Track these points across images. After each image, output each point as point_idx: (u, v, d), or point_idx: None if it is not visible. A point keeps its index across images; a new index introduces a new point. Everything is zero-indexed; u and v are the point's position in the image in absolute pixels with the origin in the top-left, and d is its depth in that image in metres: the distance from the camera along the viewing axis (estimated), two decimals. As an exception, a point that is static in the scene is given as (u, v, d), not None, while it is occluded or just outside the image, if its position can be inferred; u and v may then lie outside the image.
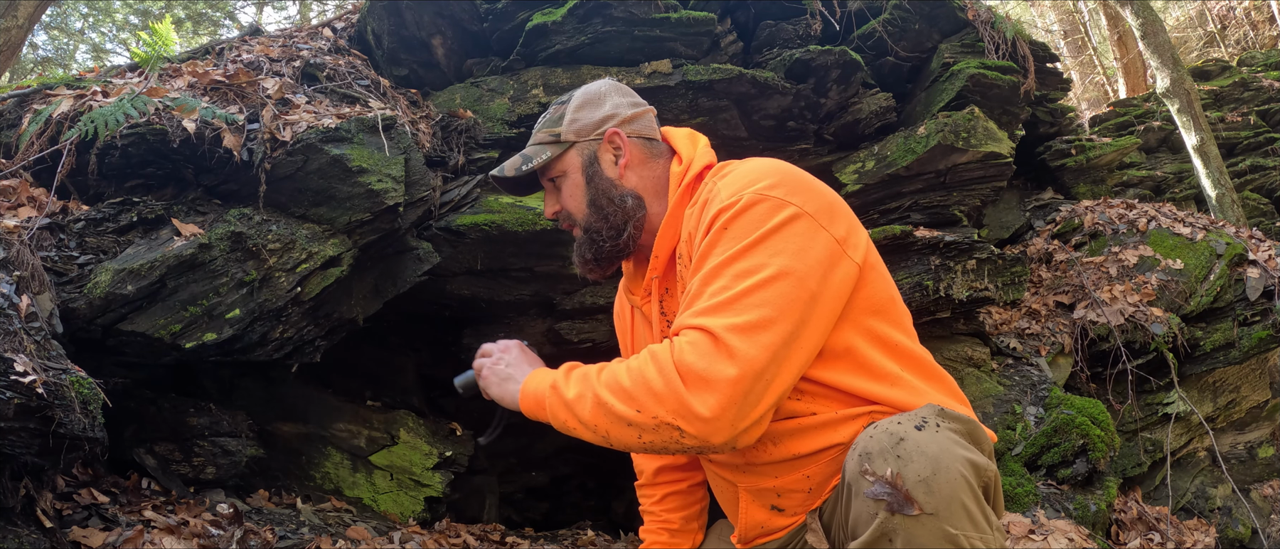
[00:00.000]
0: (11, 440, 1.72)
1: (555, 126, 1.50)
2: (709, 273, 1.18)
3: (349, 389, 3.46)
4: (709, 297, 1.16)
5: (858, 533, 1.05)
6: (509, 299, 3.50)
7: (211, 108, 2.66)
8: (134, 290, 2.27)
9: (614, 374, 1.19)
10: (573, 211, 1.49)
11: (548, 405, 1.25)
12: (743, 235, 1.18)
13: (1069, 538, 2.94)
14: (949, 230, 3.75)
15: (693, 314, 1.16)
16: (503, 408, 1.42)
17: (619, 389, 1.16)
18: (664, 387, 1.12)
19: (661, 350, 1.16)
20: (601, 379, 1.20)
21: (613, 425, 1.16)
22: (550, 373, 1.30)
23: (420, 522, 3.15)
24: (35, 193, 2.51)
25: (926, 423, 1.05)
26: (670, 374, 1.12)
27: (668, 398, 1.11)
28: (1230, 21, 15.09)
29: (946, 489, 0.98)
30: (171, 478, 2.65)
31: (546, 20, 3.45)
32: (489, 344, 1.45)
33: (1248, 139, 7.01)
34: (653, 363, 1.15)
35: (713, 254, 1.20)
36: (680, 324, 1.18)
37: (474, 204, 3.25)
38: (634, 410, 1.14)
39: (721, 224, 1.21)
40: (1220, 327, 4.07)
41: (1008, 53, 4.18)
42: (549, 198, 1.53)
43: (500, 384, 1.38)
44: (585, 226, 1.47)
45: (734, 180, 1.27)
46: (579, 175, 1.48)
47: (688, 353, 1.12)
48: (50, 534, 1.90)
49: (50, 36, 12.72)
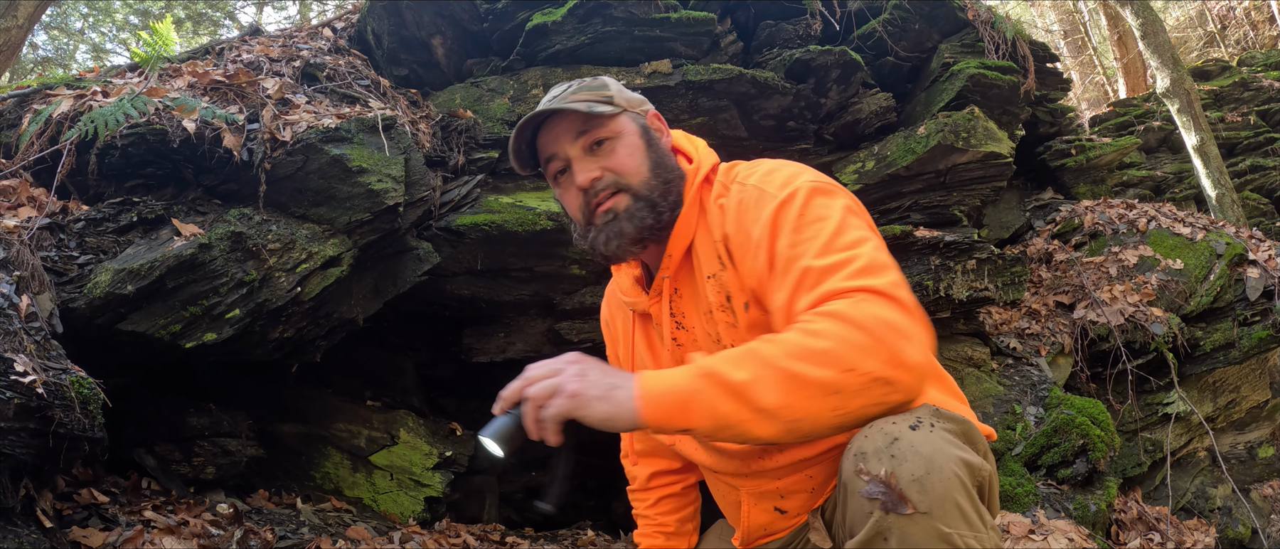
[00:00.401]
0: (11, 440, 1.72)
1: (601, 91, 1.37)
2: (822, 247, 1.15)
3: (349, 389, 3.46)
4: (841, 267, 1.12)
5: (855, 532, 1.05)
6: (509, 299, 3.50)
7: (211, 108, 2.66)
8: (134, 290, 2.27)
9: (797, 344, 1.05)
10: (630, 172, 1.33)
11: (701, 402, 1.04)
12: (826, 214, 1.19)
13: (1069, 538, 2.94)
14: (949, 230, 3.75)
15: (844, 278, 1.10)
16: (565, 450, 1.15)
17: (815, 354, 1.03)
18: (870, 340, 1.03)
19: (839, 312, 1.06)
20: (781, 353, 1.04)
21: (810, 400, 1.03)
22: (677, 369, 1.09)
23: (420, 522, 3.15)
24: (35, 193, 2.50)
25: (921, 423, 1.06)
26: (872, 328, 1.04)
27: (878, 350, 1.03)
28: (1230, 21, 15.09)
29: (940, 488, 0.99)
30: (171, 478, 2.65)
31: (546, 20, 3.45)
32: (533, 367, 1.11)
33: (1248, 139, 7.02)
34: (840, 323, 1.05)
35: (803, 238, 1.17)
36: (821, 294, 1.11)
37: (474, 204, 3.25)
38: (840, 372, 1.02)
39: (797, 210, 1.20)
40: (1220, 327, 4.07)
41: (1008, 53, 4.18)
42: (586, 163, 1.34)
43: (605, 396, 1.06)
44: (643, 192, 1.33)
45: (773, 177, 1.27)
46: (638, 138, 1.36)
47: (870, 307, 1.06)
48: (50, 534, 1.90)
49: (50, 36, 12.72)
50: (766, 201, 1.23)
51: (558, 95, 1.37)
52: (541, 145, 1.38)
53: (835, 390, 1.03)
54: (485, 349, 3.60)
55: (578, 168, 1.34)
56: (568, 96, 1.35)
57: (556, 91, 1.39)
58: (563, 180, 1.39)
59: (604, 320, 1.68)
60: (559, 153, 1.36)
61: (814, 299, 1.11)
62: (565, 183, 1.38)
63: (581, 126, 1.34)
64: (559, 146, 1.35)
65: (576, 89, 1.37)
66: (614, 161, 1.33)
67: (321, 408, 3.27)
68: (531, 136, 1.38)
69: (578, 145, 1.34)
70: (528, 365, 1.12)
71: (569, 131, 1.35)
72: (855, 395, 1.03)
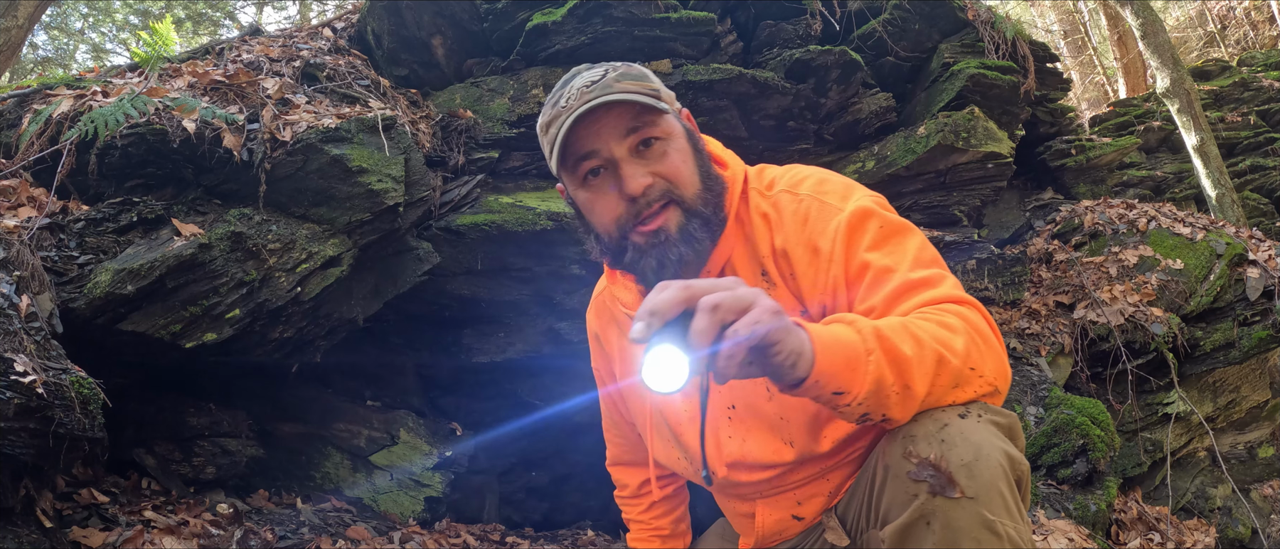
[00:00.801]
0: (11, 440, 1.72)
1: (646, 81, 1.21)
2: (913, 261, 1.14)
3: (349, 389, 3.46)
4: (939, 281, 1.12)
5: (891, 517, 1.04)
6: (509, 299, 3.50)
7: (211, 108, 2.66)
8: (134, 290, 2.27)
9: (935, 332, 1.01)
10: (682, 181, 1.18)
11: (870, 366, 0.94)
12: (902, 230, 1.20)
13: (1069, 538, 2.94)
14: (949, 230, 3.75)
15: (947, 289, 1.11)
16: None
17: (951, 346, 1.01)
18: (987, 347, 1.05)
19: (961, 313, 1.06)
20: (929, 335, 1.00)
21: (942, 388, 1.01)
22: (831, 324, 0.97)
23: (420, 522, 3.15)
24: (35, 193, 2.50)
25: (969, 412, 1.05)
26: (988, 336, 1.06)
27: (991, 357, 1.05)
28: (1230, 21, 15.09)
29: (987, 475, 0.98)
30: (171, 478, 2.65)
31: (546, 20, 3.45)
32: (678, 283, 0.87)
33: (1248, 139, 7.02)
34: (965, 322, 1.04)
35: (889, 250, 1.16)
36: (929, 299, 1.09)
37: (474, 204, 3.25)
38: (967, 367, 1.02)
39: (877, 224, 1.18)
40: (1220, 327, 4.07)
41: (1008, 53, 4.18)
42: (635, 165, 1.16)
43: (779, 321, 0.86)
44: (696, 206, 1.19)
45: (827, 187, 1.25)
46: (685, 142, 1.22)
47: (979, 319, 1.07)
48: (50, 534, 1.90)
49: (50, 36, 12.73)
50: (831, 214, 1.19)
51: (597, 81, 1.17)
52: (577, 139, 1.17)
53: (960, 383, 1.03)
54: (485, 349, 3.59)
55: (628, 171, 1.15)
56: (615, 84, 1.16)
57: (591, 77, 1.18)
58: (595, 183, 1.20)
59: (593, 332, 1.54)
60: (602, 150, 1.17)
61: (921, 302, 1.08)
62: (598, 185, 1.20)
63: (632, 122, 1.16)
64: (602, 142, 1.16)
65: (618, 75, 1.18)
66: (667, 167, 1.17)
67: (321, 408, 3.27)
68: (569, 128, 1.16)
69: (626, 144, 1.17)
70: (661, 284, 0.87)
71: (617, 127, 1.16)
72: (965, 391, 1.04)
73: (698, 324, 0.82)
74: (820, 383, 0.91)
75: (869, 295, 1.13)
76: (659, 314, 0.84)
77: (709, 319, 0.82)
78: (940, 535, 0.98)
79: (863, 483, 1.19)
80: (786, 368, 0.88)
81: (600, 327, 1.52)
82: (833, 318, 1.00)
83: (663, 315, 0.84)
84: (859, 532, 1.21)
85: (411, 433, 3.34)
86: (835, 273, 1.17)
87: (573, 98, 1.16)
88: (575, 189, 1.24)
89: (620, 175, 1.16)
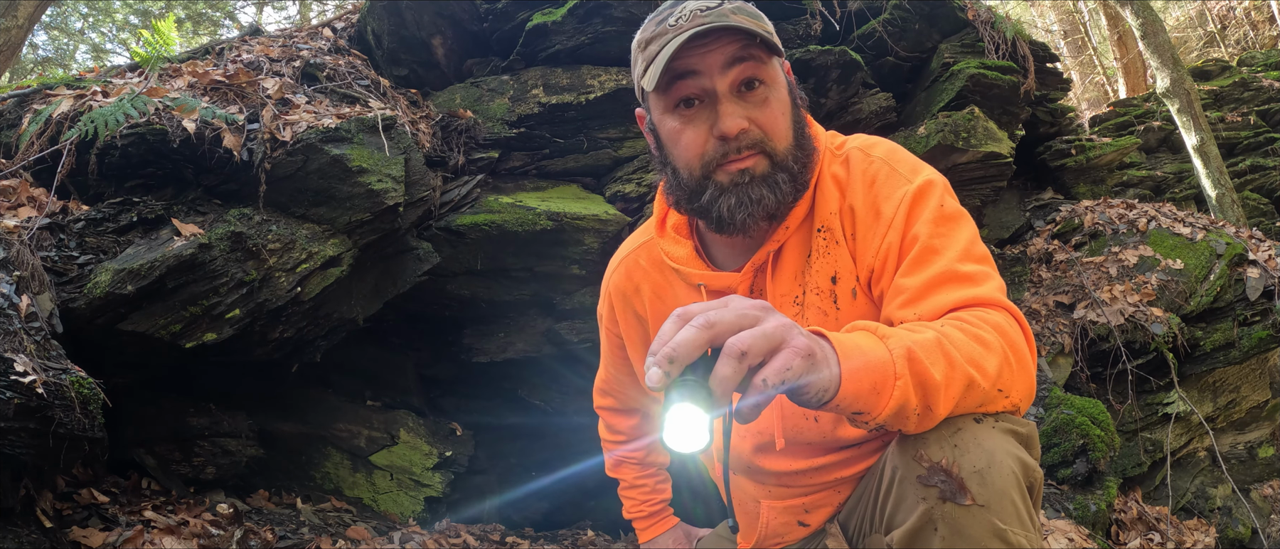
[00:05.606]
0: (11, 440, 1.72)
1: (759, 20, 1.13)
2: (963, 252, 1.11)
3: (349, 389, 3.46)
4: (984, 280, 1.09)
5: (897, 523, 1.02)
6: (509, 299, 3.50)
7: (211, 108, 2.66)
8: (134, 290, 2.27)
9: (969, 348, 0.96)
10: (777, 133, 1.14)
11: (897, 390, 0.88)
12: (961, 217, 1.16)
13: (1069, 538, 2.94)
14: (949, 230, 3.74)
15: (990, 290, 1.07)
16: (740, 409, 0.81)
17: (982, 366, 0.96)
18: (1021, 368, 1.01)
19: (1000, 326, 1.01)
20: (962, 355, 0.94)
21: (963, 406, 0.97)
22: (857, 335, 0.90)
23: (420, 522, 3.15)
24: (35, 193, 2.50)
25: (984, 417, 1.02)
26: (1022, 355, 1.02)
27: (1022, 379, 1.01)
28: (1230, 21, 15.09)
29: (1000, 483, 0.96)
30: (171, 478, 2.65)
31: (546, 20, 3.45)
32: (691, 310, 0.80)
33: (1248, 139, 7.01)
34: (1002, 339, 1.00)
35: (944, 232, 1.13)
36: (968, 298, 1.05)
37: (474, 204, 3.25)
38: (995, 389, 0.98)
39: (938, 202, 1.15)
40: (1220, 327, 4.07)
41: (1008, 53, 4.18)
42: (735, 104, 1.11)
43: (823, 358, 0.83)
44: (785, 161, 1.15)
45: (898, 157, 1.21)
46: (785, 95, 1.16)
47: (1017, 333, 1.03)
48: (50, 534, 1.90)
49: (50, 36, 12.73)
50: (899, 182, 1.16)
51: (713, 8, 1.09)
52: (681, 61, 1.10)
53: (985, 404, 0.99)
54: (485, 349, 3.59)
55: (726, 109, 1.10)
56: (731, 15, 1.08)
57: (706, 1, 1.10)
58: (688, 113, 1.14)
59: (622, 291, 1.44)
60: (705, 78, 1.10)
61: (960, 300, 1.05)
62: (690, 116, 1.14)
63: (740, 53, 1.10)
64: (707, 70, 1.10)
65: (735, 8, 1.10)
66: (765, 115, 1.13)
67: (321, 408, 3.27)
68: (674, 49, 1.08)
69: (729, 79, 1.11)
70: (676, 311, 0.80)
71: (723, 56, 1.10)
72: (987, 406, 1.00)
73: (723, 370, 0.75)
74: (841, 406, 0.86)
75: (910, 273, 1.10)
76: (678, 360, 0.76)
77: (735, 367, 0.75)
78: (948, 542, 0.96)
79: (868, 485, 1.18)
80: (811, 402, 0.84)
81: (634, 285, 1.42)
82: (864, 326, 0.95)
83: (681, 360, 0.76)
84: (861, 535, 1.20)
85: (411, 433, 3.34)
86: (891, 240, 1.14)
87: (684, 18, 1.09)
88: (662, 114, 1.18)
89: (718, 112, 1.12)
